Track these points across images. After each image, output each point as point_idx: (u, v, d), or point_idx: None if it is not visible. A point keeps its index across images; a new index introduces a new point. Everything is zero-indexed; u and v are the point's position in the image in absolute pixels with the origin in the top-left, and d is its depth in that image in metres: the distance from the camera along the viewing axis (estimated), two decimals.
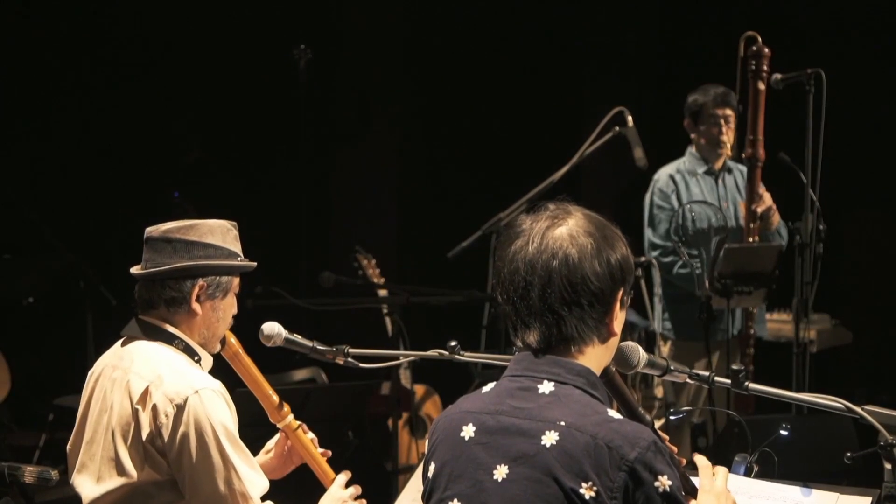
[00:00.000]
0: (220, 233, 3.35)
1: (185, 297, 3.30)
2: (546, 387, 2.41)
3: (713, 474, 2.49)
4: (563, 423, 2.35)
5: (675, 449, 2.62)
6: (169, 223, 3.34)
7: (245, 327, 3.51)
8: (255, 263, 3.41)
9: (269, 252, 7.27)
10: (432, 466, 2.50)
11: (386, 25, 8.59)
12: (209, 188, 8.26)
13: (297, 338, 3.39)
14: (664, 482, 2.31)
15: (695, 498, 2.44)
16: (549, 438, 2.35)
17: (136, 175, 8.16)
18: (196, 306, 3.31)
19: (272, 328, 3.36)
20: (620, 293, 2.45)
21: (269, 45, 8.07)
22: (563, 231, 2.43)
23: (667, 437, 2.57)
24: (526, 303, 2.41)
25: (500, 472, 2.38)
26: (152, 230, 3.35)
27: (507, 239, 2.48)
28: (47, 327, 7.87)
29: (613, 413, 2.39)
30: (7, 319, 7.57)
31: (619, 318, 2.47)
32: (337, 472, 3.48)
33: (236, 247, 3.38)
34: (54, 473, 3.71)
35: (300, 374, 6.58)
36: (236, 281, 3.39)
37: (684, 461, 2.60)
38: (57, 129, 8.15)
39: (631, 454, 2.30)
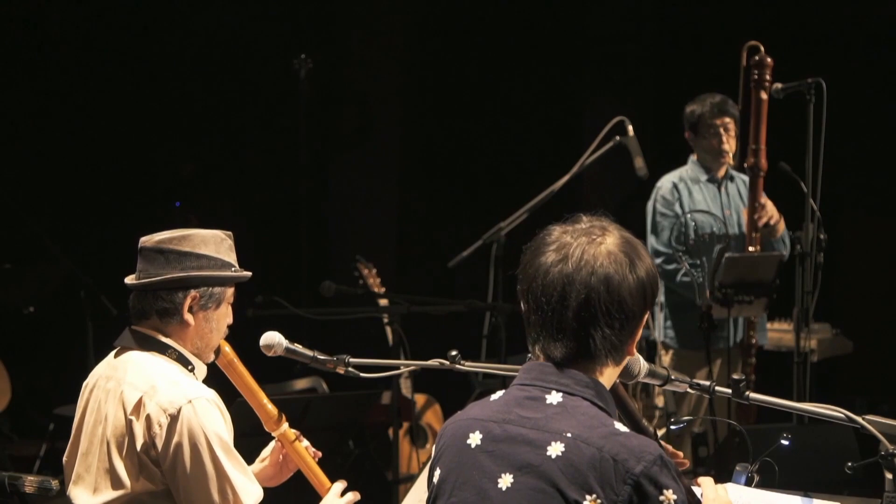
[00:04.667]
0: (214, 243, 3.34)
1: (177, 308, 3.29)
2: (554, 397, 2.41)
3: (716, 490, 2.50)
4: (569, 435, 2.35)
5: (681, 455, 2.63)
6: (163, 233, 3.33)
7: (245, 337, 3.51)
8: (249, 274, 3.40)
9: (269, 261, 7.32)
10: (437, 472, 2.49)
11: (386, 35, 8.60)
12: (210, 197, 8.27)
13: (298, 347, 3.38)
14: (669, 496, 2.30)
15: None
16: (555, 449, 2.35)
17: (138, 185, 8.17)
18: (188, 317, 3.30)
19: (272, 338, 3.35)
20: (647, 314, 2.47)
21: (269, 54, 8.08)
22: (603, 249, 2.43)
23: (670, 447, 2.57)
24: (559, 317, 2.41)
25: (505, 480, 2.38)
26: (146, 240, 3.34)
27: (538, 248, 2.47)
28: (48, 337, 7.87)
29: (620, 426, 2.39)
30: (7, 328, 7.57)
31: (636, 340, 2.49)
32: (336, 481, 3.47)
33: (230, 257, 3.37)
34: (55, 483, 3.71)
35: (301, 384, 6.58)
36: (230, 291, 3.37)
37: (687, 463, 2.60)
38: (58, 138, 8.16)
39: (636, 468, 2.30)
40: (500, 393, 2.52)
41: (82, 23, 8.11)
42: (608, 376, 2.46)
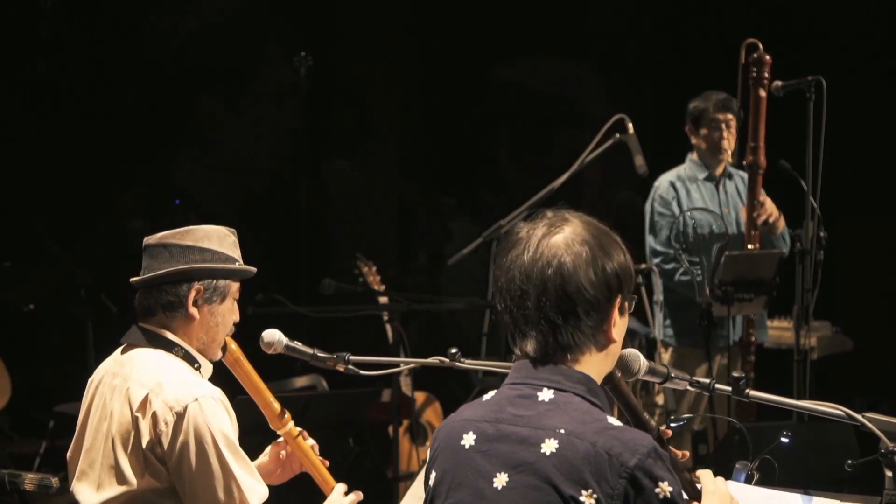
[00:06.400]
0: (217, 238, 3.35)
1: (181, 301, 3.29)
2: (546, 394, 2.41)
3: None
4: (562, 431, 2.35)
5: (685, 454, 2.62)
6: (167, 231, 3.34)
7: (246, 334, 3.51)
8: (254, 269, 3.40)
9: (269, 259, 7.32)
10: (433, 475, 2.49)
11: (386, 33, 8.60)
12: (210, 195, 8.27)
13: (298, 345, 3.38)
14: (665, 488, 2.30)
15: (699, 501, 2.44)
16: (549, 446, 2.34)
17: (138, 183, 8.17)
18: (193, 310, 3.30)
19: (272, 335, 3.36)
20: (618, 301, 2.44)
21: (269, 51, 8.08)
22: (559, 239, 2.42)
23: (677, 452, 2.57)
24: (522, 312, 2.41)
25: (500, 479, 2.38)
26: (150, 238, 3.34)
27: (505, 247, 2.48)
28: (48, 335, 7.87)
29: (613, 420, 2.38)
30: (8, 326, 7.57)
31: (618, 326, 2.46)
32: (337, 479, 3.47)
33: (234, 252, 3.37)
34: (55, 481, 3.71)
35: (301, 382, 6.58)
36: (235, 286, 3.38)
37: (686, 454, 2.60)
38: (58, 136, 8.16)
39: (631, 461, 2.30)
40: (492, 393, 2.52)
41: (81, 21, 8.10)
42: (589, 364, 2.44)
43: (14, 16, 7.97)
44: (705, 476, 2.50)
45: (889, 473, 2.67)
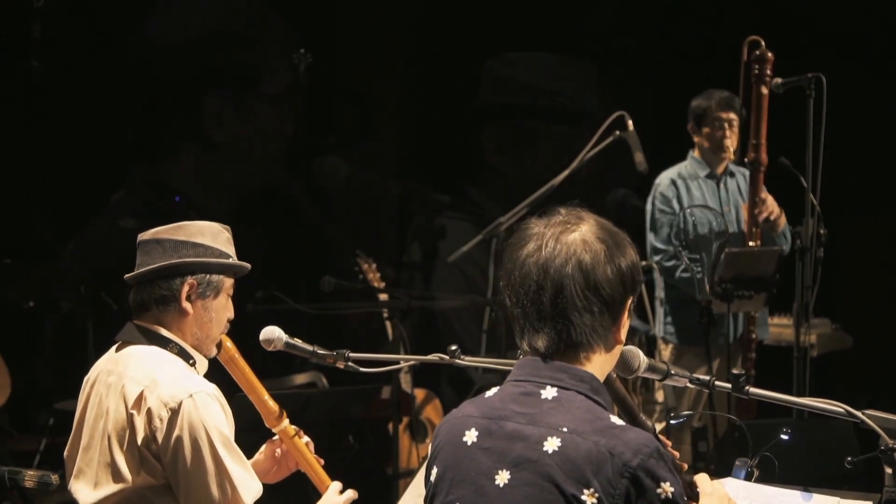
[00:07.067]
0: (211, 233, 3.35)
1: (174, 295, 3.30)
2: (549, 392, 2.41)
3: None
4: (565, 430, 2.35)
5: (676, 454, 2.62)
6: (161, 227, 3.34)
7: (245, 332, 3.51)
8: (248, 265, 3.40)
9: (269, 256, 7.32)
10: (434, 471, 2.49)
11: (386, 30, 8.59)
12: (209, 192, 8.27)
13: (298, 342, 3.38)
14: (666, 489, 2.30)
15: (698, 502, 2.45)
16: (551, 444, 2.34)
17: (137, 180, 8.16)
18: (186, 305, 3.30)
19: (272, 332, 3.36)
20: (630, 301, 2.46)
21: (269, 49, 8.08)
22: (577, 236, 2.42)
23: (669, 444, 2.57)
24: (537, 307, 2.41)
25: (502, 477, 2.38)
26: (143, 234, 3.35)
27: (517, 242, 2.48)
28: (47, 332, 7.87)
29: (616, 419, 2.39)
30: (7, 324, 7.57)
31: (625, 326, 2.47)
32: (336, 476, 3.47)
33: (228, 248, 3.37)
34: (54, 478, 3.72)
35: (300, 379, 6.58)
36: (229, 282, 3.37)
37: (685, 466, 2.60)
38: (58, 132, 8.15)
39: (633, 461, 2.30)
40: (495, 390, 2.51)
41: (76, 20, 8.09)
42: (598, 364, 2.45)
43: (6, 14, 7.95)
44: (703, 479, 2.51)
45: (889, 470, 2.67)
